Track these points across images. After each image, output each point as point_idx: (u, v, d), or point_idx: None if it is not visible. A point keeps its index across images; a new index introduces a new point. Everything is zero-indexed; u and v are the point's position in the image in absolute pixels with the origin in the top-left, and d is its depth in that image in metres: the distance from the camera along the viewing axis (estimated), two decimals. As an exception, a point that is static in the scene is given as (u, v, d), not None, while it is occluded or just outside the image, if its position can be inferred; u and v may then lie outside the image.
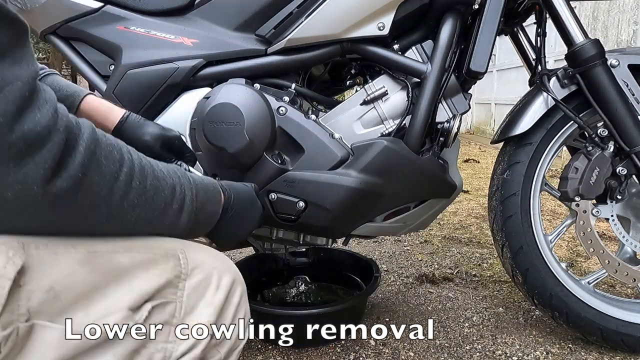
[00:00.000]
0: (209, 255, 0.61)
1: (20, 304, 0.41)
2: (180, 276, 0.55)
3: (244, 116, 0.96)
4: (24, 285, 0.42)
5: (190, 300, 0.55)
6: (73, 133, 0.45)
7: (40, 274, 0.44)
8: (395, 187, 1.05)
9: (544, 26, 1.18)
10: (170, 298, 0.53)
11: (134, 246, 0.53)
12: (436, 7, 1.05)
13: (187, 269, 0.56)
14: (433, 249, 2.00)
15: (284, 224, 1.05)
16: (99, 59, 1.12)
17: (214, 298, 0.57)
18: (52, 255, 0.46)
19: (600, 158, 1.07)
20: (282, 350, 1.21)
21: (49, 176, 0.42)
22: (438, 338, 1.27)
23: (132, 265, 0.51)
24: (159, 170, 0.57)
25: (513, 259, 1.18)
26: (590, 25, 3.94)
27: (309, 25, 1.02)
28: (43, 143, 0.41)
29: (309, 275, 1.48)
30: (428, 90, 1.02)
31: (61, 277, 0.45)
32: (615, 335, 1.14)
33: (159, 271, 0.53)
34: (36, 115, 0.41)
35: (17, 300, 0.41)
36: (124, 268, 0.51)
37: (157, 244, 0.56)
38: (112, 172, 0.49)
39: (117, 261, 0.51)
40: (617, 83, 1.07)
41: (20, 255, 0.42)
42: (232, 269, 0.62)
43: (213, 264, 0.59)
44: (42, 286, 0.44)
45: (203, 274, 0.57)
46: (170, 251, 0.56)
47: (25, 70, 0.41)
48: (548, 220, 2.38)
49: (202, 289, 0.57)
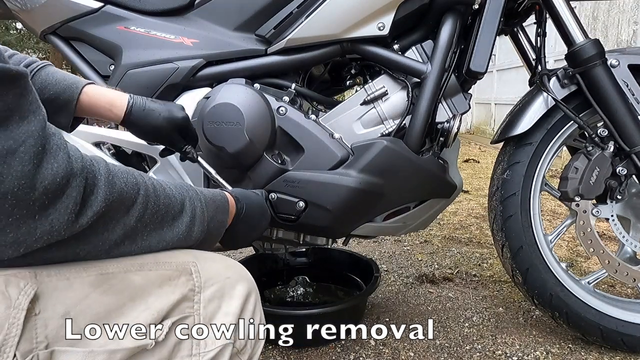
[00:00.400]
0: (221, 265, 0.61)
1: (38, 332, 0.43)
2: (194, 289, 0.55)
3: (244, 116, 0.96)
4: (40, 313, 0.44)
5: (207, 311, 0.55)
6: (90, 172, 0.46)
7: (54, 300, 0.45)
8: (395, 187, 1.05)
9: (544, 26, 1.18)
10: (187, 312, 0.54)
11: (146, 263, 0.54)
12: (436, 7, 1.05)
13: (201, 281, 0.56)
14: (433, 249, 2.00)
15: (284, 224, 1.05)
16: (99, 59, 1.12)
17: (230, 307, 0.58)
18: (65, 281, 0.47)
19: (600, 158, 1.07)
20: (282, 350, 1.21)
21: (73, 219, 0.44)
22: (438, 338, 1.27)
23: (145, 283, 0.52)
24: (168, 188, 0.58)
25: (513, 259, 1.18)
26: (590, 25, 3.94)
27: (309, 26, 1.02)
28: (63, 191, 0.42)
29: (309, 275, 1.48)
30: (428, 90, 1.02)
31: (76, 302, 0.46)
32: (615, 335, 1.14)
33: (172, 287, 0.54)
34: (53, 166, 0.42)
35: (34, 329, 0.43)
36: (138, 287, 0.51)
37: (169, 259, 0.56)
38: (131, 197, 0.50)
39: (130, 280, 0.51)
40: (617, 83, 1.07)
41: (32, 285, 0.44)
42: (244, 276, 0.62)
43: (226, 274, 0.60)
44: (58, 312, 0.45)
45: (217, 285, 0.57)
46: (182, 265, 0.56)
47: (33, 124, 0.41)
48: (548, 220, 2.38)
49: (218, 300, 0.57)
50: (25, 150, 0.40)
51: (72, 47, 1.13)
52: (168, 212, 0.56)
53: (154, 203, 0.54)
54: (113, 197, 0.47)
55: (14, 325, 0.41)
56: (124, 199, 0.49)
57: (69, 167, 0.43)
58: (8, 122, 0.39)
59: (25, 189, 0.39)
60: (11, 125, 0.40)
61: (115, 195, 0.48)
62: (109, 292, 0.49)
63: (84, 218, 0.45)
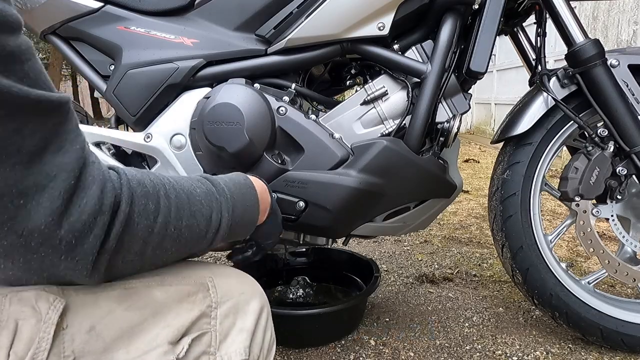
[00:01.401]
0: (236, 280, 0.61)
1: (65, 346, 0.43)
2: (211, 305, 0.55)
3: (244, 116, 0.96)
4: (67, 327, 0.44)
5: (223, 327, 0.55)
6: (117, 204, 0.44)
7: (81, 315, 0.45)
8: (395, 187, 1.05)
9: (544, 26, 1.18)
10: (205, 328, 0.54)
11: (166, 279, 0.54)
12: (436, 7, 1.04)
13: (217, 297, 0.56)
14: (433, 249, 2.00)
15: (284, 223, 1.05)
16: (99, 59, 1.12)
17: (245, 323, 0.57)
18: (91, 296, 0.47)
19: (600, 158, 1.07)
20: (282, 350, 1.21)
21: (95, 259, 0.43)
22: (438, 338, 1.27)
23: (167, 299, 0.52)
24: (196, 201, 0.55)
25: (513, 259, 1.18)
26: (590, 25, 3.94)
27: (309, 26, 1.02)
28: (90, 230, 0.42)
29: (309, 275, 1.48)
30: (428, 90, 1.02)
31: (101, 317, 0.46)
32: (615, 335, 1.14)
33: (191, 304, 0.54)
34: (82, 202, 0.41)
35: (61, 343, 0.43)
36: (160, 302, 0.51)
37: (187, 273, 0.56)
38: (146, 227, 0.48)
39: (153, 296, 0.51)
40: (617, 83, 1.07)
41: (60, 299, 0.44)
42: (257, 291, 0.62)
43: (240, 290, 0.60)
44: (84, 327, 0.45)
45: (232, 301, 0.58)
46: (200, 280, 0.56)
47: (69, 155, 0.40)
48: (548, 220, 2.38)
49: (233, 316, 0.57)
50: (56, 186, 0.39)
51: (72, 47, 1.13)
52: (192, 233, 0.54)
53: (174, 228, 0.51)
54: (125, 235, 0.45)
55: (44, 339, 0.41)
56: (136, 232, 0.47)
57: (98, 204, 0.42)
58: (43, 155, 0.38)
59: (52, 225, 0.39)
60: (45, 157, 0.38)
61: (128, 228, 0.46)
62: (132, 307, 0.49)
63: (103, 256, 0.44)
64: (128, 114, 1.09)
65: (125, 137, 1.08)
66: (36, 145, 0.38)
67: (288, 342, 1.22)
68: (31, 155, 0.38)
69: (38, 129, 0.38)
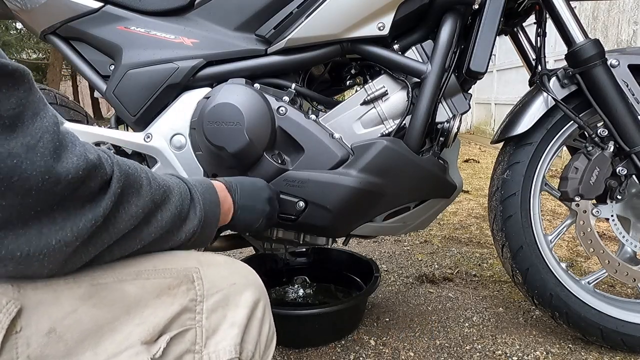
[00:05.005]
0: (227, 270, 0.57)
1: (19, 351, 0.40)
2: (196, 299, 0.51)
3: (244, 116, 0.96)
4: (21, 330, 0.40)
5: (210, 322, 0.51)
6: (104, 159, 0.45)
7: (38, 315, 0.42)
8: (395, 187, 1.05)
9: (544, 26, 1.18)
10: (188, 324, 0.50)
11: (142, 271, 0.50)
12: (436, 7, 1.04)
13: (203, 289, 0.52)
14: (433, 249, 2.00)
15: (284, 223, 1.05)
16: (99, 59, 1.12)
17: (236, 317, 0.53)
18: (52, 294, 0.43)
19: (600, 158, 1.07)
20: (282, 350, 1.21)
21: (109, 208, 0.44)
22: (438, 338, 1.27)
23: (142, 294, 0.48)
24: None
25: (513, 259, 1.18)
26: (590, 25, 3.94)
27: (309, 26, 1.02)
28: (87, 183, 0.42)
29: (309, 275, 1.48)
30: (428, 90, 1.02)
31: (63, 317, 0.43)
32: (615, 335, 1.14)
33: (172, 297, 0.50)
34: (72, 160, 0.41)
35: (14, 348, 0.39)
36: (133, 298, 0.47)
37: (168, 265, 0.52)
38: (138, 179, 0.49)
39: (125, 291, 0.47)
40: (617, 83, 1.07)
41: (15, 301, 0.41)
42: (252, 281, 0.58)
43: (231, 280, 0.55)
44: (42, 329, 0.41)
45: (222, 293, 0.53)
46: (183, 272, 0.52)
47: (46, 119, 0.41)
48: (548, 220, 2.38)
49: (222, 309, 0.53)
50: (44, 146, 0.39)
51: (72, 47, 1.13)
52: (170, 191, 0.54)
53: (157, 183, 0.52)
54: (124, 179, 0.47)
55: None
56: (134, 181, 0.48)
57: (87, 160, 0.42)
58: (23, 118, 0.38)
59: (50, 183, 0.39)
60: (26, 121, 0.39)
61: (124, 177, 0.47)
62: (99, 305, 0.45)
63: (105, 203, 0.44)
64: (128, 114, 1.09)
65: (125, 137, 1.08)
66: (15, 109, 0.38)
67: (288, 342, 1.22)
68: (12, 119, 0.38)
69: (12, 93, 0.38)
